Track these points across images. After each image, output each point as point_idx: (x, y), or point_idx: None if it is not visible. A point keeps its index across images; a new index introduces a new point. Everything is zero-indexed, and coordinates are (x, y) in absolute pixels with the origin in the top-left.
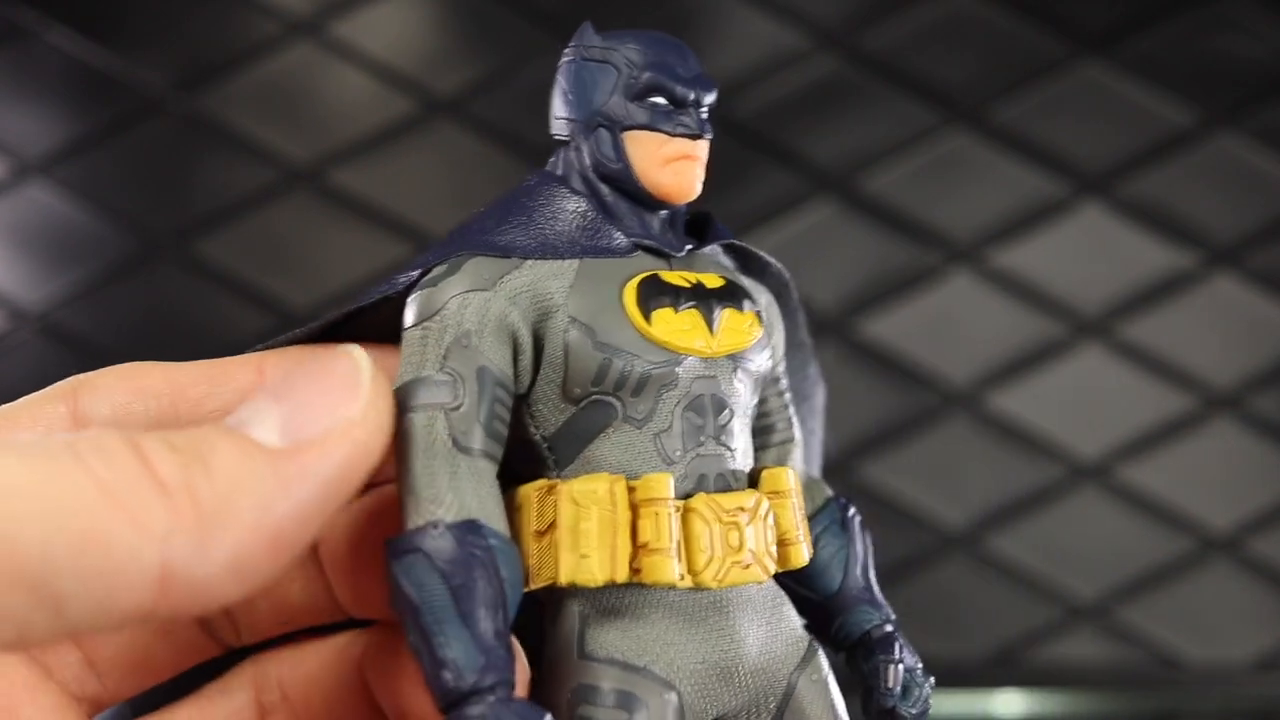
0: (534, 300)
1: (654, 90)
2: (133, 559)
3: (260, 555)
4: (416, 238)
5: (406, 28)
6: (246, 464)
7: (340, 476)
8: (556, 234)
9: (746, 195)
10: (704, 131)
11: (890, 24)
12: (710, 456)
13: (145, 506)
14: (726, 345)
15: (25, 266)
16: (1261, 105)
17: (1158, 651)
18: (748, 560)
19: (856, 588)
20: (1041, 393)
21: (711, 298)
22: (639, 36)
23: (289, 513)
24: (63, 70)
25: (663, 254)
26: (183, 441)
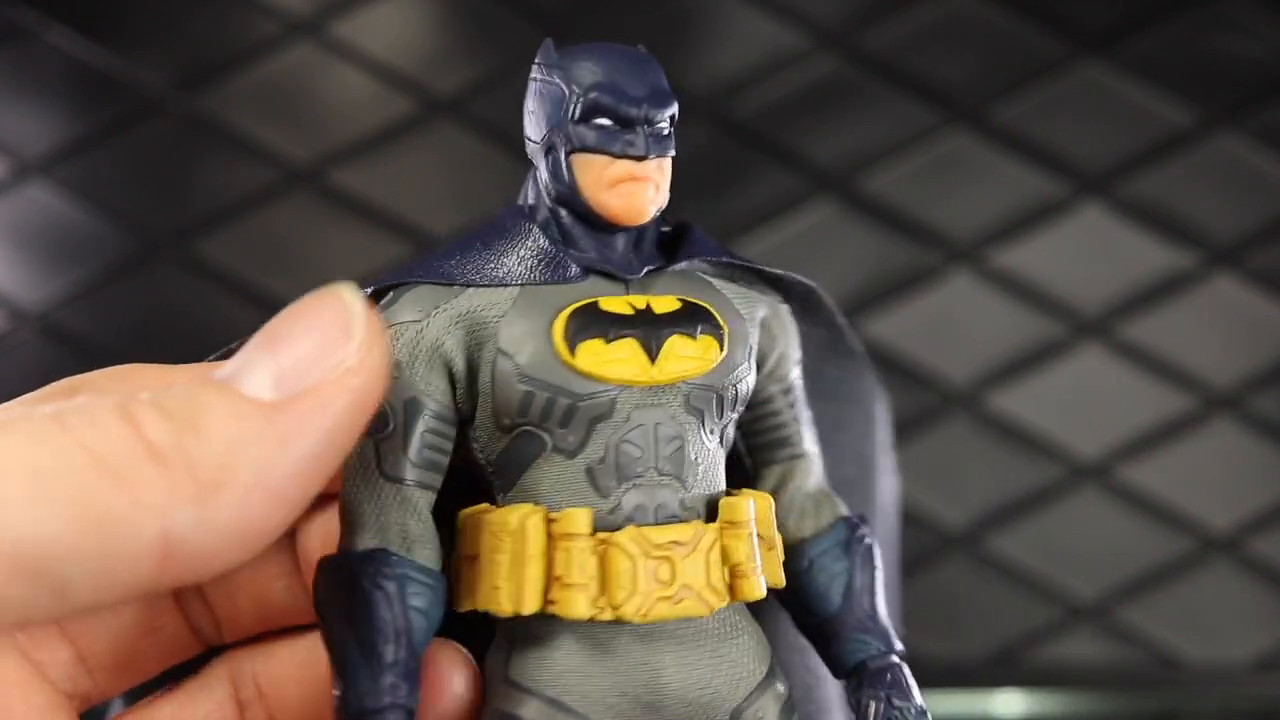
0: (470, 329)
1: (598, 111)
2: (132, 534)
3: (262, 516)
4: (416, 238)
5: (406, 28)
6: (241, 423)
7: (339, 426)
8: (503, 262)
9: (746, 195)
10: (651, 152)
11: (890, 24)
12: (651, 487)
13: (141, 478)
14: (672, 373)
15: (25, 266)
16: (1262, 105)
17: (1158, 651)
18: (680, 595)
19: (857, 614)
20: (1041, 393)
21: (658, 324)
22: (592, 52)
23: (289, 469)
24: (62, 70)
25: (619, 277)
26: (174, 404)
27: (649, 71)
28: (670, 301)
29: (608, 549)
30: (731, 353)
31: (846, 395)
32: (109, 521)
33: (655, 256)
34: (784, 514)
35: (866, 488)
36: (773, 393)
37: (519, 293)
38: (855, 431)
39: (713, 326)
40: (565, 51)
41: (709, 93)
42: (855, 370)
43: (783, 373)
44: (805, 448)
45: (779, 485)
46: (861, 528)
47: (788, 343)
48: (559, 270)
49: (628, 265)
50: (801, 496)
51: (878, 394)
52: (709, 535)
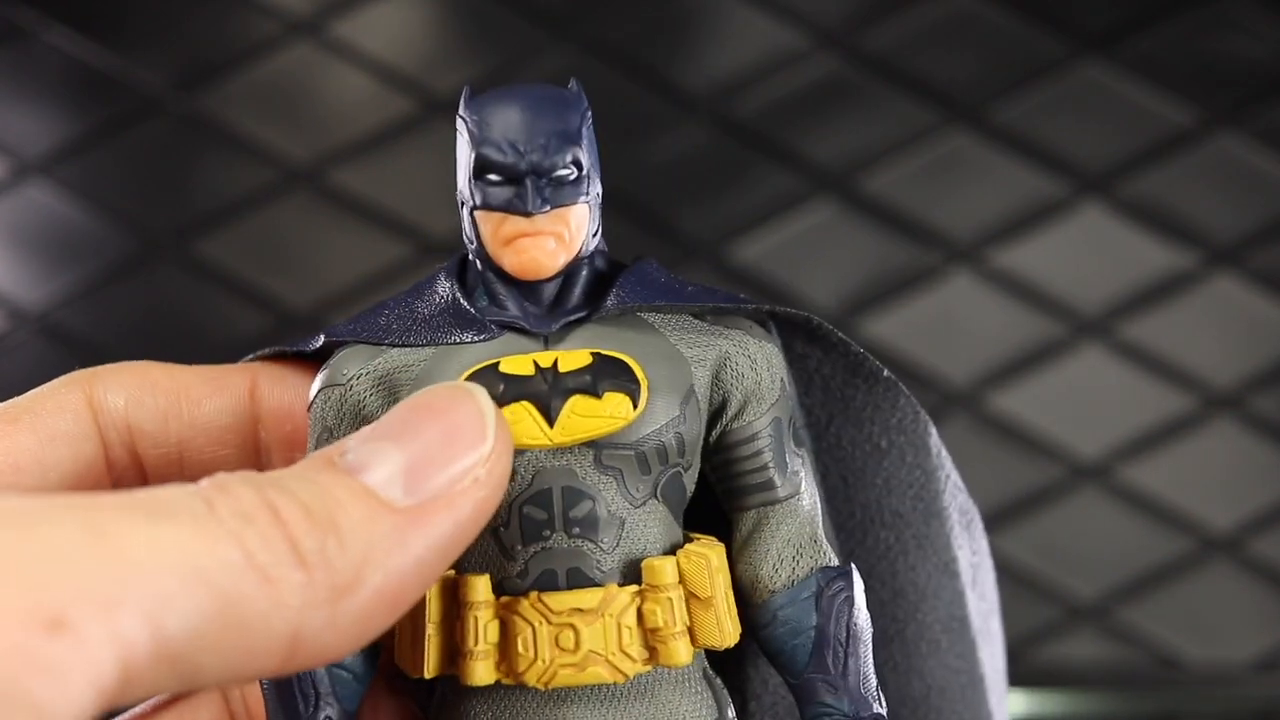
0: (389, 390)
1: (486, 167)
2: (268, 631)
3: (382, 615)
4: (416, 238)
5: (406, 28)
6: (375, 527)
7: (463, 535)
8: (423, 321)
9: (746, 195)
10: (540, 206)
11: (890, 24)
12: (559, 551)
13: (285, 580)
14: (575, 433)
15: (25, 266)
16: (1262, 105)
17: (1158, 652)
18: (586, 662)
19: (824, 674)
20: (1041, 393)
21: (559, 383)
22: (493, 100)
23: (411, 573)
24: (62, 70)
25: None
26: (315, 503)
27: (549, 115)
28: (581, 357)
29: (509, 616)
30: (653, 407)
31: (883, 423)
32: (250, 619)
33: (584, 303)
34: (757, 563)
35: (921, 522)
36: (741, 435)
37: (435, 353)
38: (903, 460)
39: (624, 382)
40: (475, 100)
41: (709, 93)
42: (886, 396)
43: (753, 413)
44: (785, 491)
45: (752, 532)
46: (838, 580)
47: (758, 380)
48: (471, 329)
49: (542, 319)
50: (779, 544)
51: (923, 419)
52: (621, 599)
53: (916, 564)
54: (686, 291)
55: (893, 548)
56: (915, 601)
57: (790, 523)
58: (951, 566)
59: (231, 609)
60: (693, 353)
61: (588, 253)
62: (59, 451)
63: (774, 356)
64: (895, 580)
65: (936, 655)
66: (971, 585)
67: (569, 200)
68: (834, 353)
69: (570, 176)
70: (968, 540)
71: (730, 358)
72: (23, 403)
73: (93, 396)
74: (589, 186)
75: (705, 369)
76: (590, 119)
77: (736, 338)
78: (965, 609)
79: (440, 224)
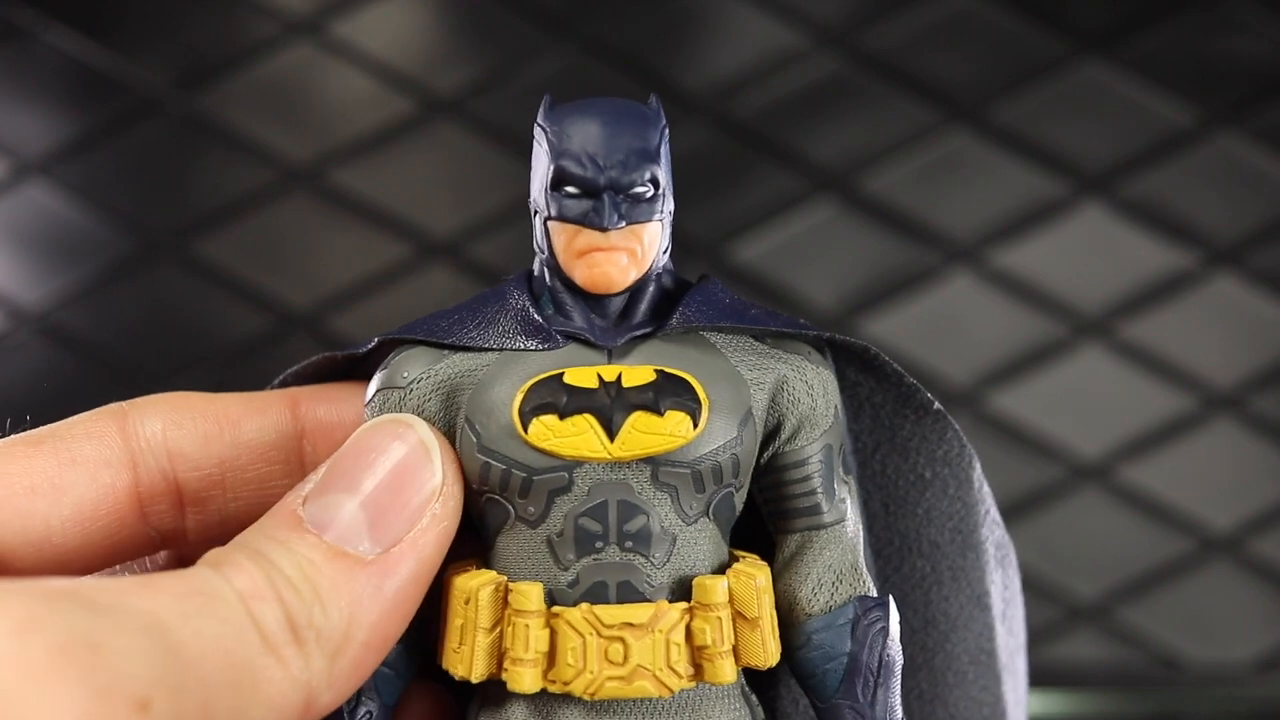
0: (449, 394)
1: (564, 179)
2: (285, 704)
3: (372, 659)
4: (416, 238)
5: (406, 28)
6: (351, 586)
7: (429, 567)
8: (489, 328)
9: (746, 195)
10: (615, 222)
11: (890, 24)
12: (611, 564)
13: (293, 655)
14: (635, 449)
15: (24, 266)
16: (1262, 105)
17: (1158, 652)
18: (634, 676)
19: (852, 701)
20: (1041, 393)
21: (622, 398)
22: (574, 111)
23: (390, 615)
24: (62, 70)
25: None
26: (298, 574)
27: (629, 132)
28: (645, 373)
29: (558, 625)
30: (712, 427)
31: (928, 455)
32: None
33: (650, 319)
34: (797, 585)
35: (957, 554)
36: (792, 459)
37: (498, 359)
38: (945, 492)
39: (686, 401)
40: (556, 110)
41: (709, 93)
42: (934, 428)
43: (806, 438)
44: (831, 517)
45: (795, 554)
46: (875, 610)
47: (813, 406)
48: (538, 337)
49: (608, 333)
50: (820, 568)
51: (969, 453)
52: (671, 616)
53: (950, 595)
54: (750, 314)
55: (927, 577)
56: (946, 631)
57: (833, 548)
58: (984, 600)
59: (259, 689)
60: (752, 375)
61: (657, 270)
62: (76, 476)
63: (830, 383)
64: (928, 609)
65: (962, 686)
66: (1001, 619)
67: (644, 218)
68: (887, 383)
69: (647, 194)
70: (1001, 575)
71: (788, 382)
72: (53, 428)
73: (126, 425)
74: (664, 204)
75: (764, 391)
76: (668, 136)
77: (795, 362)
78: (994, 642)
79: (440, 224)
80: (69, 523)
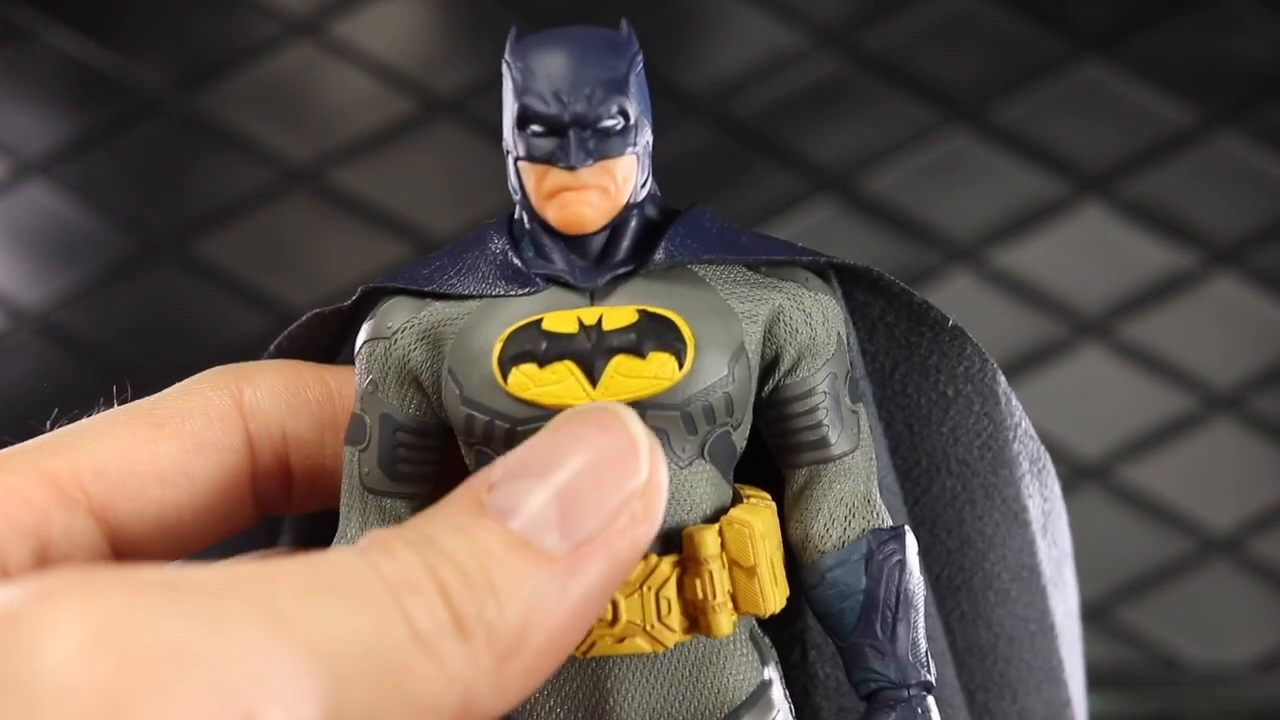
0: (433, 343)
1: (529, 118)
2: (437, 708)
3: (546, 669)
4: (416, 238)
5: (406, 28)
6: (533, 583)
7: (621, 574)
8: (469, 275)
9: (746, 195)
10: (584, 160)
11: (890, 24)
12: None
13: (451, 654)
14: (618, 394)
15: (24, 266)
16: (1262, 105)
17: (1158, 652)
18: (625, 633)
19: (871, 639)
20: (1041, 393)
21: (603, 342)
22: (538, 44)
23: (572, 623)
24: (61, 70)
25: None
26: (472, 564)
27: (595, 62)
28: (626, 314)
29: None
30: (700, 366)
31: (949, 372)
32: (420, 697)
33: (633, 256)
34: (808, 522)
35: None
36: (795, 391)
37: (478, 306)
38: (971, 409)
39: (670, 340)
40: (520, 44)
41: (709, 93)
42: (952, 345)
43: (808, 368)
44: (840, 449)
45: (803, 489)
46: (890, 543)
47: (813, 335)
48: (517, 282)
49: (589, 273)
50: (831, 503)
51: (991, 367)
52: (662, 571)
53: (984, 513)
54: (740, 242)
55: (959, 496)
56: (983, 550)
57: (843, 481)
58: (1021, 515)
59: (403, 690)
60: (744, 307)
61: (636, 203)
62: (206, 462)
63: (830, 309)
64: (962, 529)
65: (1005, 604)
66: (1043, 533)
67: (615, 152)
68: (897, 301)
69: (616, 127)
70: (1038, 488)
71: (784, 311)
72: (168, 404)
73: (243, 401)
74: (637, 136)
75: (757, 324)
76: (640, 63)
77: (791, 290)
78: (1036, 557)
79: (440, 224)
80: (198, 510)
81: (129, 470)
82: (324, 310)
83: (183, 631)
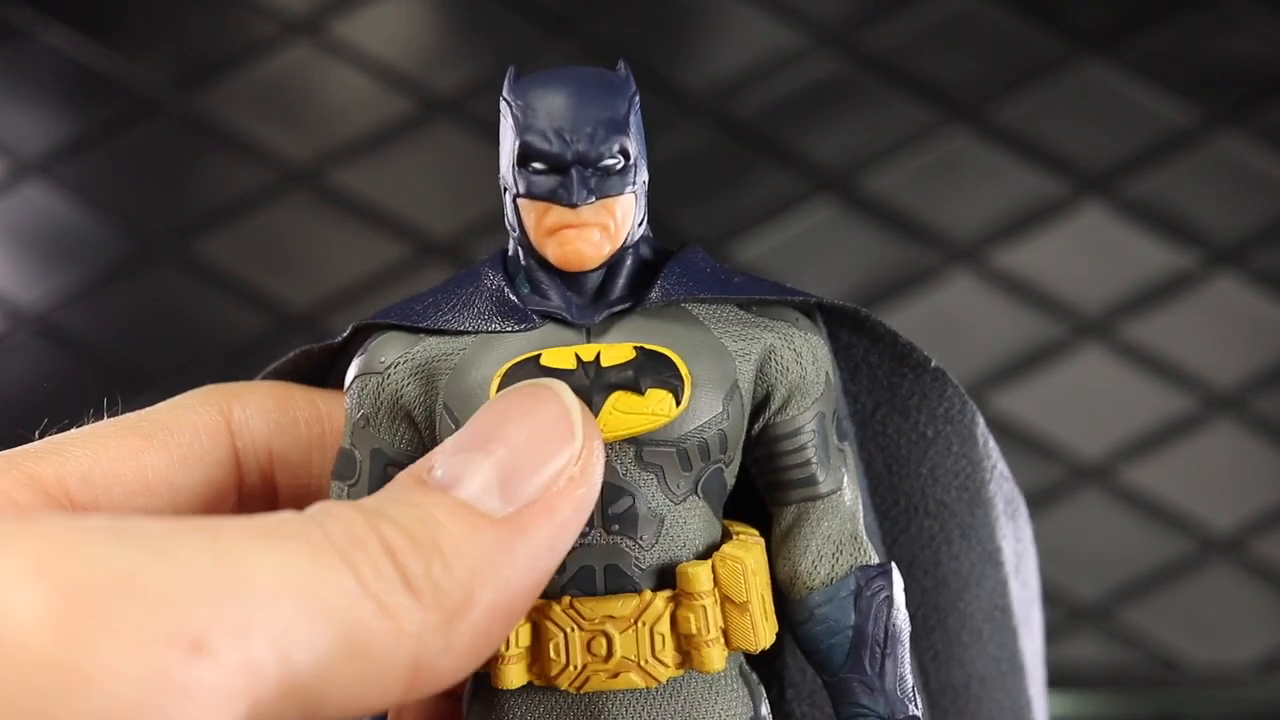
0: (427, 379)
1: (530, 156)
2: (389, 662)
3: (498, 631)
4: (415, 237)
5: (405, 27)
6: (477, 543)
7: (565, 536)
8: (464, 311)
9: (746, 195)
10: (585, 198)
11: (890, 24)
12: (598, 548)
13: (401, 609)
14: (617, 430)
15: (23, 267)
16: (1263, 105)
17: (1159, 653)
18: (619, 669)
19: (860, 674)
20: (1041, 393)
21: (601, 378)
22: (538, 84)
23: (519, 583)
24: (60, 69)
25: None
26: (416, 526)
27: (596, 102)
28: (623, 351)
29: (541, 620)
30: (696, 404)
31: (929, 413)
32: (371, 649)
33: (629, 293)
34: (796, 559)
35: (966, 511)
36: (784, 429)
37: (474, 342)
38: (950, 450)
39: (667, 378)
40: (520, 83)
41: (709, 93)
42: (934, 386)
43: (797, 407)
44: (827, 487)
45: (792, 527)
46: (878, 579)
47: (803, 374)
48: (513, 318)
49: (585, 310)
50: (819, 540)
51: (970, 409)
52: (656, 607)
53: (960, 553)
54: (733, 282)
55: (936, 537)
56: (958, 590)
57: (831, 519)
58: (995, 556)
59: (354, 639)
60: (737, 346)
61: (633, 242)
62: (191, 475)
63: (819, 349)
64: (938, 569)
65: (978, 644)
66: (1015, 574)
67: (615, 191)
68: (881, 343)
69: (617, 166)
70: (1012, 529)
71: (775, 350)
72: (158, 417)
73: (232, 419)
74: (635, 175)
75: (749, 362)
76: (638, 103)
77: (782, 330)
78: (1008, 598)
79: (440, 224)
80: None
81: (115, 479)
82: (312, 347)
83: (127, 560)
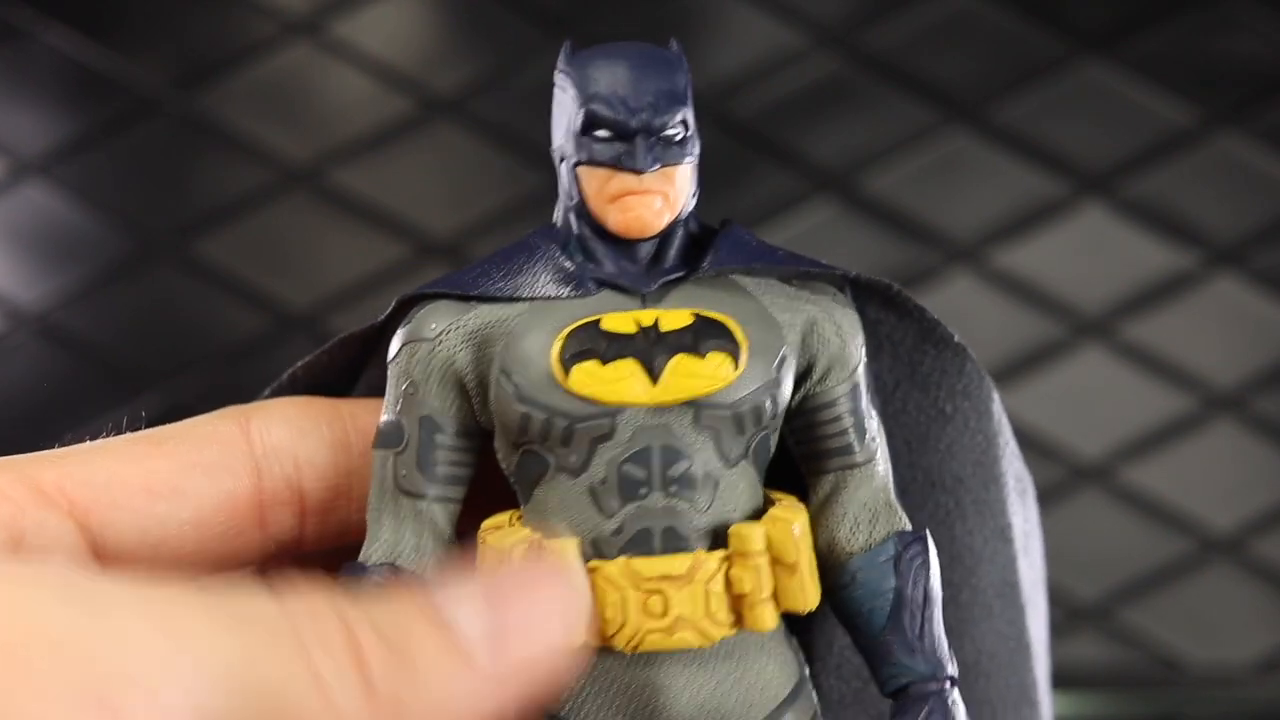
0: (480, 345)
1: (596, 122)
2: None
3: None
4: (416, 238)
5: (405, 27)
6: (452, 679)
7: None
8: (519, 278)
9: (746, 195)
10: (650, 164)
11: (890, 24)
12: (656, 510)
13: (350, 703)
14: (678, 392)
15: (23, 267)
16: (1263, 105)
17: (1159, 653)
18: (675, 627)
19: (900, 636)
20: (1041, 393)
21: (662, 342)
22: (601, 56)
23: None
24: (60, 69)
25: (633, 291)
26: (393, 632)
27: (657, 74)
28: (682, 316)
29: (596, 580)
30: (751, 368)
31: (948, 388)
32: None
33: (681, 263)
34: (834, 526)
35: (980, 487)
36: (823, 400)
37: (529, 308)
38: (966, 425)
39: (725, 342)
40: (578, 56)
41: (709, 93)
42: (954, 361)
43: (836, 379)
44: (863, 456)
45: (830, 495)
46: (915, 544)
47: (842, 346)
48: (570, 285)
49: (641, 278)
50: (856, 507)
51: (987, 385)
52: (709, 565)
53: (974, 529)
54: (778, 255)
55: (951, 512)
56: (971, 566)
57: (867, 486)
58: (1006, 532)
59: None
60: (783, 317)
61: (686, 213)
62: (197, 481)
63: (855, 323)
64: (953, 545)
65: (988, 620)
66: (1024, 552)
67: (676, 160)
68: (908, 319)
69: (678, 136)
70: (1021, 507)
71: (817, 323)
72: (172, 429)
73: (249, 429)
74: (693, 147)
75: (795, 333)
76: (691, 79)
77: (824, 304)
78: (1017, 575)
79: (440, 224)
80: (187, 526)
81: (117, 481)
82: (352, 332)
83: (62, 620)
